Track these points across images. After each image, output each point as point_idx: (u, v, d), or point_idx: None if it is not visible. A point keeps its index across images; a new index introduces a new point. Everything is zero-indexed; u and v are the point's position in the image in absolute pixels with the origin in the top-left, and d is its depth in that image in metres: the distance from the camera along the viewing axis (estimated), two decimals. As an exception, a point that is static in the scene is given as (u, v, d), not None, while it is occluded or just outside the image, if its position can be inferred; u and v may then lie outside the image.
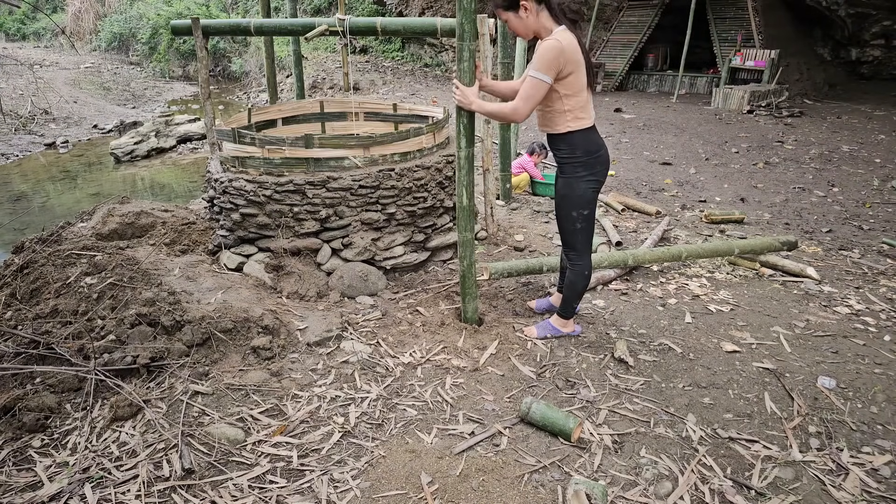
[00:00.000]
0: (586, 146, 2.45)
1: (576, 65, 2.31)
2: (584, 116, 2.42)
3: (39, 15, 23.94)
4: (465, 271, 2.82)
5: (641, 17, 13.58)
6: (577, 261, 2.67)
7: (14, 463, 1.99)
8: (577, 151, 2.46)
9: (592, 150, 2.47)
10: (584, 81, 2.37)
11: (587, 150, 2.46)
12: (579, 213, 2.55)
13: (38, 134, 10.14)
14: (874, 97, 11.41)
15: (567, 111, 2.39)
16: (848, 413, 2.28)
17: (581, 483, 1.84)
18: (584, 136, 2.45)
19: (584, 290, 2.73)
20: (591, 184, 2.51)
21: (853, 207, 5.19)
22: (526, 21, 2.35)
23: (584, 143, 2.45)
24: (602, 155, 2.50)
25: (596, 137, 2.50)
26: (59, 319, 2.57)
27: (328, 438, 2.14)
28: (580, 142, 2.44)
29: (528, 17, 2.34)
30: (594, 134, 2.49)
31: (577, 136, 2.44)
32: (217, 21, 3.76)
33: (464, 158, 2.63)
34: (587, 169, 2.48)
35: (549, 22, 2.36)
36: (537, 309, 3.11)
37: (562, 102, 2.38)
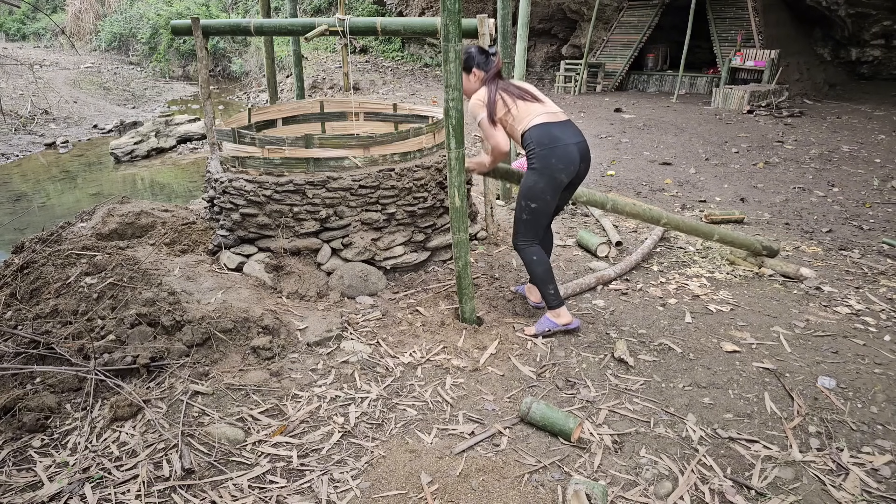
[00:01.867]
0: (539, 138, 2.63)
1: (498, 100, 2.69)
2: (528, 117, 2.67)
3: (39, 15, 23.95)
4: (460, 272, 2.82)
5: (641, 17, 13.58)
6: (522, 248, 2.80)
7: (14, 463, 1.99)
8: (532, 144, 2.65)
9: (546, 141, 2.61)
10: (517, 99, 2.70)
11: (540, 141, 2.62)
12: (526, 204, 2.70)
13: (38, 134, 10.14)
14: (874, 97, 11.41)
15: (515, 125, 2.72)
16: (848, 413, 2.28)
17: (581, 483, 1.84)
18: (539, 130, 2.63)
19: (545, 273, 2.77)
20: (543, 177, 2.63)
21: (853, 207, 5.19)
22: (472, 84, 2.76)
23: (539, 135, 2.63)
24: (558, 146, 2.60)
25: (554, 131, 2.63)
26: (59, 319, 2.57)
27: (328, 438, 2.14)
28: (535, 135, 2.64)
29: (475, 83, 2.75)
30: (553, 128, 2.64)
31: (531, 132, 2.65)
32: (217, 21, 3.76)
33: (454, 159, 2.64)
34: (541, 161, 2.62)
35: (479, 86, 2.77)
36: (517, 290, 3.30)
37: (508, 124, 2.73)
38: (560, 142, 2.60)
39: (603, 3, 13.25)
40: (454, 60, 2.48)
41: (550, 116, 2.67)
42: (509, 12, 4.39)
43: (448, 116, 2.59)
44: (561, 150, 2.60)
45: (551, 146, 2.60)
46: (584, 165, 2.73)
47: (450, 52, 2.46)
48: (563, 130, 2.65)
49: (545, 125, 2.63)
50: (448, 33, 2.43)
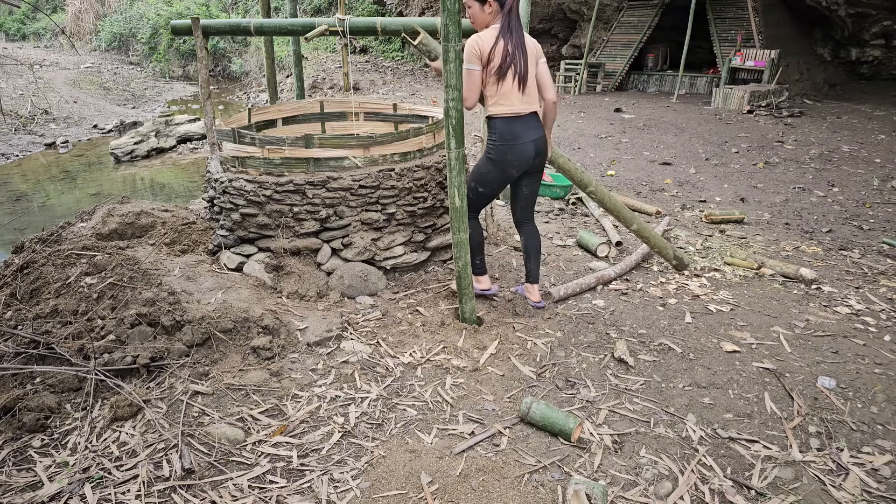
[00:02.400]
0: (502, 132, 2.74)
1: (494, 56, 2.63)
2: (504, 104, 2.71)
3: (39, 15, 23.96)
4: (460, 272, 2.83)
5: (641, 17, 13.58)
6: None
7: (14, 463, 1.99)
8: (495, 135, 2.76)
9: (507, 137, 2.74)
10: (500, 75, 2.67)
11: (502, 136, 2.74)
12: (475, 186, 2.89)
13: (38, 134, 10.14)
14: (874, 97, 11.41)
15: (487, 97, 2.74)
16: (848, 413, 2.28)
17: (581, 483, 1.84)
18: (505, 123, 2.73)
19: (477, 245, 3.02)
20: (496, 168, 2.81)
21: (853, 207, 5.19)
22: (484, 16, 2.69)
23: (503, 129, 2.74)
24: (517, 145, 2.75)
25: (517, 128, 2.74)
26: (59, 319, 2.57)
27: (328, 438, 2.14)
28: (500, 127, 2.74)
29: (488, 14, 2.69)
30: (517, 124, 2.74)
31: (497, 122, 2.74)
32: (217, 21, 3.76)
33: (454, 159, 2.64)
34: (498, 154, 2.77)
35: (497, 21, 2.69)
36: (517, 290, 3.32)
37: (487, 88, 2.72)
38: (520, 140, 2.75)
39: (603, 3, 13.25)
40: (454, 60, 2.48)
41: (520, 108, 2.72)
42: (509, 12, 4.38)
43: (448, 116, 2.59)
44: (518, 148, 2.75)
45: (511, 143, 2.74)
46: (539, 160, 2.88)
47: (450, 52, 2.46)
48: (526, 127, 2.75)
49: (511, 120, 2.72)
50: (448, 33, 2.44)
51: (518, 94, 2.71)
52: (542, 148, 2.85)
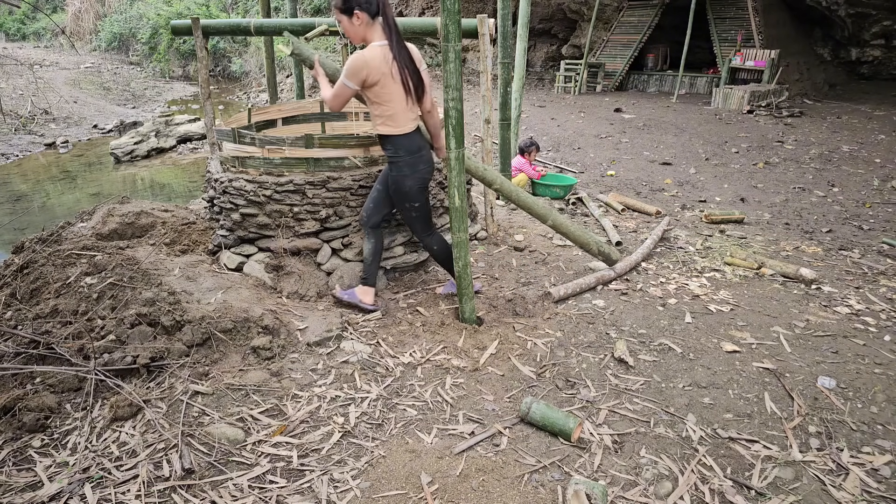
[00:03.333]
0: (408, 147, 2.74)
1: (381, 78, 2.55)
2: (393, 125, 2.68)
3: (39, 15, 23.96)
4: (460, 272, 2.83)
5: (641, 17, 13.59)
6: (423, 240, 3.05)
7: (14, 463, 1.99)
8: (400, 151, 2.74)
9: (413, 150, 2.75)
10: (393, 94, 2.61)
11: (409, 150, 2.74)
12: (411, 206, 2.89)
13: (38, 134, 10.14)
14: (874, 97, 11.41)
15: (377, 116, 2.69)
16: (848, 413, 2.28)
17: (581, 483, 1.84)
18: (404, 139, 2.73)
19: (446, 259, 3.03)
20: (416, 181, 2.82)
21: (853, 207, 5.19)
22: (356, 28, 2.57)
23: (405, 143, 2.73)
24: (424, 155, 2.80)
25: (417, 140, 2.77)
26: (59, 319, 2.57)
27: (328, 438, 2.14)
28: (401, 142, 2.73)
29: (359, 27, 2.56)
30: (415, 137, 2.76)
31: (400, 139, 2.72)
32: (217, 21, 3.76)
33: (454, 159, 2.64)
34: (411, 168, 2.77)
35: (377, 36, 2.58)
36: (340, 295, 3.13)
37: (373, 108, 2.68)
38: (424, 149, 2.80)
39: (603, 3, 13.25)
40: (454, 60, 2.48)
41: (413, 123, 2.74)
42: (509, 12, 4.39)
43: (448, 116, 2.59)
44: (426, 155, 2.82)
45: (419, 154, 2.77)
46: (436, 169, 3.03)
47: (450, 52, 2.46)
48: (421, 137, 2.82)
49: (411, 136, 2.74)
50: (448, 33, 2.44)
51: (413, 109, 2.72)
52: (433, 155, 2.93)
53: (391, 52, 2.54)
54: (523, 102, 6.44)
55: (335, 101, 2.65)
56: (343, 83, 2.58)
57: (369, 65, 2.51)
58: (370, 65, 2.51)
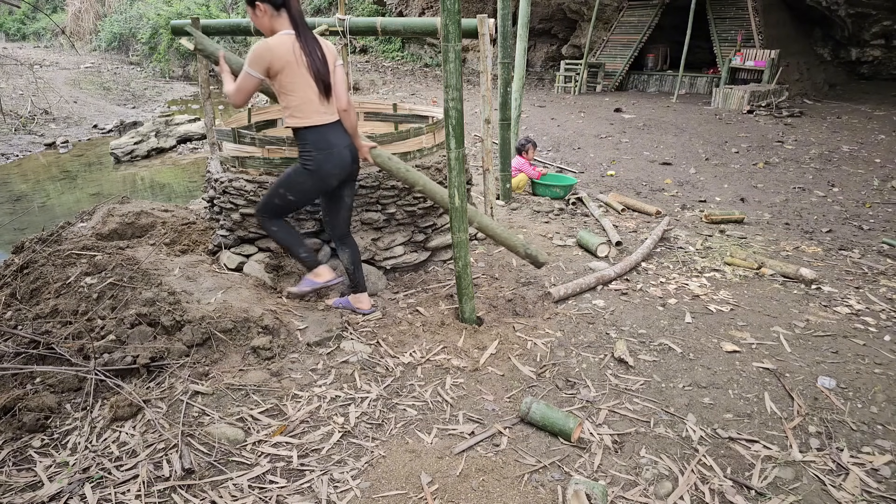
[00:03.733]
0: (316, 142, 2.61)
1: (286, 66, 2.46)
2: (300, 116, 2.57)
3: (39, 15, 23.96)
4: (460, 272, 2.83)
5: (641, 17, 13.59)
6: (262, 221, 2.83)
7: (14, 463, 1.99)
8: (309, 146, 2.62)
9: (322, 146, 2.62)
10: (298, 83, 2.51)
11: (317, 146, 2.61)
12: (285, 193, 2.71)
13: (38, 134, 10.14)
14: (874, 97, 11.41)
15: (286, 108, 2.58)
16: (848, 413, 2.28)
17: (581, 483, 1.84)
18: (315, 134, 2.61)
19: (289, 238, 2.85)
20: (314, 178, 2.66)
21: (853, 207, 5.19)
22: (261, 20, 2.53)
23: (314, 139, 2.61)
24: (334, 153, 2.64)
25: (330, 136, 2.63)
26: (59, 319, 2.57)
27: (328, 438, 2.14)
28: (311, 138, 2.61)
29: (263, 17, 2.51)
30: (325, 132, 2.62)
31: (308, 132, 2.60)
32: (217, 21, 3.77)
33: (454, 159, 2.64)
34: (316, 164, 2.62)
35: (285, 26, 2.52)
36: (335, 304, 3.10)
37: (280, 99, 2.58)
38: (336, 147, 2.64)
39: (603, 3, 13.25)
40: (454, 60, 2.48)
41: (325, 117, 2.61)
42: (509, 12, 4.39)
43: (448, 116, 2.59)
44: (336, 155, 2.65)
45: (328, 151, 2.62)
46: (356, 166, 2.82)
47: (450, 52, 2.46)
48: (336, 134, 2.66)
49: (322, 129, 2.61)
50: (448, 33, 2.44)
51: (324, 101, 2.60)
52: (356, 153, 2.79)
53: (298, 41, 2.47)
54: (523, 102, 6.44)
55: (238, 95, 2.51)
56: (246, 72, 2.46)
57: (273, 52, 2.43)
58: (274, 52, 2.43)
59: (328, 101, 2.61)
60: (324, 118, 2.61)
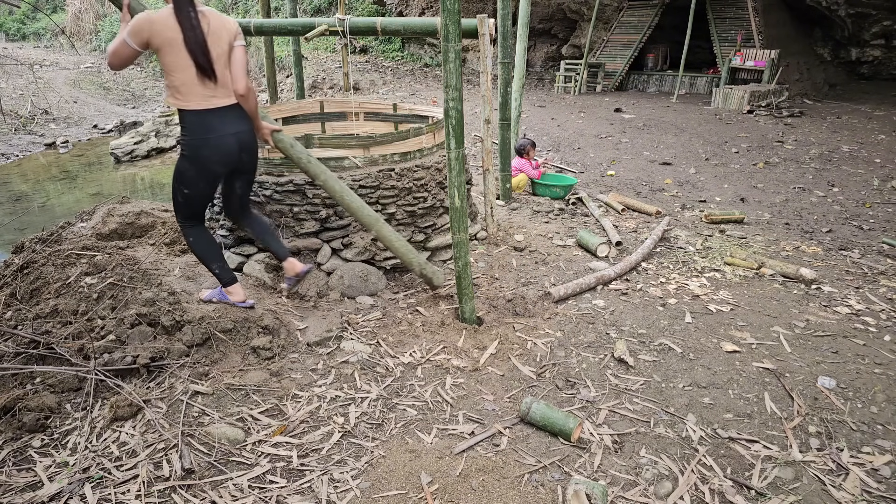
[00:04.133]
0: (192, 127, 2.48)
1: (164, 42, 2.33)
2: (180, 98, 2.43)
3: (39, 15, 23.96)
4: (460, 272, 2.83)
5: (641, 17, 13.59)
6: (181, 227, 2.72)
7: (14, 463, 1.99)
8: (186, 129, 2.49)
9: (199, 132, 2.48)
10: (178, 65, 2.37)
11: (192, 131, 2.48)
12: (179, 188, 2.59)
13: (38, 134, 10.14)
14: (874, 97, 11.41)
15: (168, 86, 2.45)
16: (848, 413, 2.28)
17: (581, 483, 1.84)
18: (194, 117, 2.47)
19: (205, 252, 2.73)
20: (194, 165, 2.53)
21: (853, 207, 5.19)
22: None
23: (192, 124, 2.47)
24: (212, 140, 2.49)
25: (213, 121, 2.48)
26: (59, 319, 2.57)
27: (328, 438, 2.14)
28: (188, 121, 2.47)
29: None
30: (208, 118, 2.48)
31: (186, 115, 2.46)
32: (217, 21, 3.75)
33: (454, 159, 2.64)
34: (191, 150, 2.50)
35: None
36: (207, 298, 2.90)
37: (170, 77, 2.42)
38: (215, 132, 2.48)
39: (603, 3, 13.24)
40: (454, 60, 2.48)
41: (211, 101, 2.46)
42: (509, 12, 4.39)
43: (448, 116, 2.59)
44: (215, 141, 2.49)
45: (204, 136, 2.48)
46: (247, 156, 2.65)
47: (450, 52, 2.47)
48: (223, 120, 2.50)
49: (203, 113, 2.46)
50: (448, 33, 2.44)
51: (207, 84, 2.43)
52: (248, 142, 2.61)
53: (176, 15, 2.32)
54: (523, 102, 6.44)
55: (113, 58, 2.35)
56: (123, 39, 2.31)
57: (153, 26, 2.30)
58: (153, 26, 2.30)
59: (214, 82, 2.44)
60: (209, 102, 2.45)
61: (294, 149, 2.88)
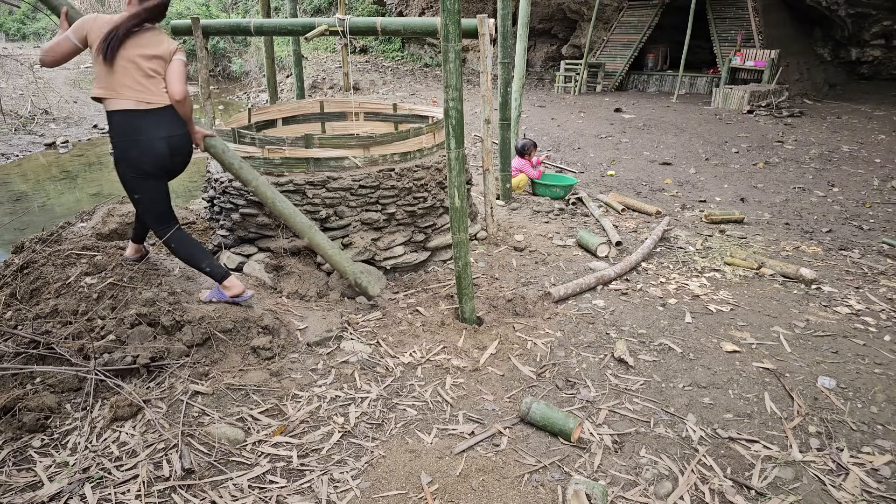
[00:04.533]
0: (121, 128, 2.47)
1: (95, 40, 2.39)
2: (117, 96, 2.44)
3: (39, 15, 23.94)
4: (460, 272, 2.83)
5: (641, 17, 13.59)
6: (161, 236, 2.70)
7: (14, 463, 1.98)
8: (115, 132, 2.49)
9: (128, 134, 2.47)
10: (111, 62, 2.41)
11: (122, 132, 2.47)
12: (132, 196, 2.61)
13: (38, 134, 10.14)
14: (874, 97, 11.41)
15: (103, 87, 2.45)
16: (848, 413, 2.28)
17: (581, 483, 1.84)
18: (123, 117, 2.46)
19: (189, 254, 2.73)
20: (129, 169, 2.52)
21: (853, 207, 5.19)
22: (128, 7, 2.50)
23: (120, 124, 2.47)
24: (141, 142, 2.48)
25: (140, 123, 2.47)
26: (59, 319, 2.57)
27: (328, 438, 2.14)
28: (118, 122, 2.47)
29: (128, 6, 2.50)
30: (140, 119, 2.47)
31: (113, 116, 2.46)
32: (217, 21, 3.77)
33: (454, 159, 2.64)
34: (121, 153, 2.50)
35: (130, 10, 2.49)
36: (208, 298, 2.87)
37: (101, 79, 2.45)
38: (144, 135, 2.48)
39: (603, 3, 13.25)
40: (454, 60, 2.48)
41: (141, 104, 2.46)
42: (509, 12, 4.39)
43: (448, 116, 2.59)
44: (144, 144, 2.49)
45: (133, 139, 2.47)
46: (180, 159, 2.65)
47: (450, 52, 2.47)
48: (152, 122, 2.49)
49: (131, 114, 2.46)
50: (448, 33, 2.44)
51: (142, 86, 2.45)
52: (181, 146, 2.61)
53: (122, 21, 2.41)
54: (523, 102, 6.44)
55: (48, 53, 2.40)
56: (66, 35, 2.40)
57: (95, 23, 2.39)
58: (95, 24, 2.38)
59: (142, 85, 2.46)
60: (137, 104, 2.46)
61: (226, 154, 2.91)
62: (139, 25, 2.47)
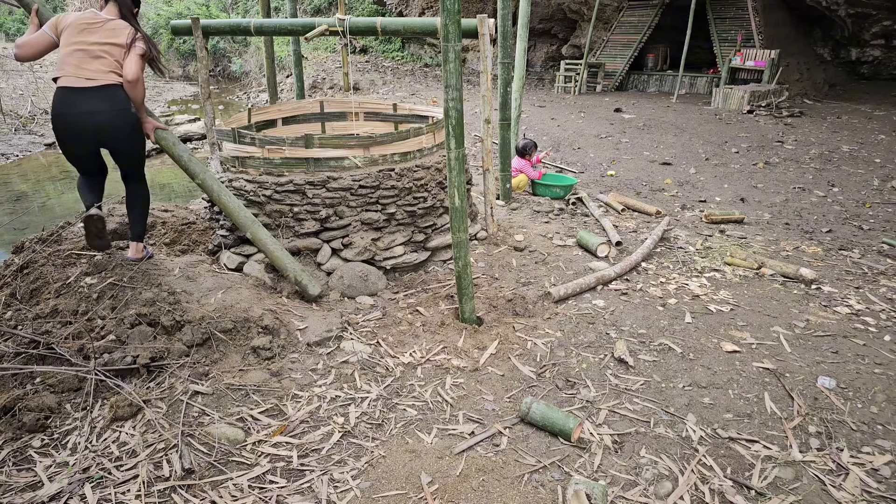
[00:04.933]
0: (54, 102, 2.61)
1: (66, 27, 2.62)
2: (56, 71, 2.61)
3: (39, 15, 23.91)
4: (460, 272, 2.83)
5: (641, 17, 13.59)
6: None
7: (14, 463, 1.99)
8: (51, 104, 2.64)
9: (57, 108, 2.61)
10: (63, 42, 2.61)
11: (53, 105, 2.62)
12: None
13: (38, 134, 10.14)
14: (874, 97, 11.41)
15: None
16: (848, 413, 2.28)
17: (581, 483, 1.84)
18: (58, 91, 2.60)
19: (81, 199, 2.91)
20: (58, 140, 2.70)
21: (853, 207, 5.19)
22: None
23: (55, 99, 2.61)
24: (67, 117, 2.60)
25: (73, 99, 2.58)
26: (59, 319, 2.57)
27: (328, 438, 2.14)
28: (54, 97, 2.62)
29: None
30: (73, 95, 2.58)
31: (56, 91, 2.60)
32: (217, 21, 3.77)
33: (454, 159, 2.64)
34: (53, 122, 2.66)
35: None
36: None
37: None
38: (70, 109, 2.58)
39: (603, 3, 13.25)
40: (454, 60, 2.48)
41: (77, 80, 2.58)
42: (509, 12, 4.39)
43: (448, 116, 2.59)
44: (69, 119, 2.60)
45: (59, 114, 2.60)
46: (107, 136, 2.72)
47: (450, 52, 2.47)
48: (83, 99, 2.58)
49: (65, 90, 2.58)
50: (448, 33, 2.44)
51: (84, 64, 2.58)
52: (108, 126, 2.67)
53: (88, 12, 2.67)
54: (523, 102, 6.44)
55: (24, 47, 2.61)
56: (43, 30, 2.63)
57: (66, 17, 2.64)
58: (66, 17, 2.64)
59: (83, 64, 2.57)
60: (77, 81, 2.57)
61: (176, 147, 3.02)
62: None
